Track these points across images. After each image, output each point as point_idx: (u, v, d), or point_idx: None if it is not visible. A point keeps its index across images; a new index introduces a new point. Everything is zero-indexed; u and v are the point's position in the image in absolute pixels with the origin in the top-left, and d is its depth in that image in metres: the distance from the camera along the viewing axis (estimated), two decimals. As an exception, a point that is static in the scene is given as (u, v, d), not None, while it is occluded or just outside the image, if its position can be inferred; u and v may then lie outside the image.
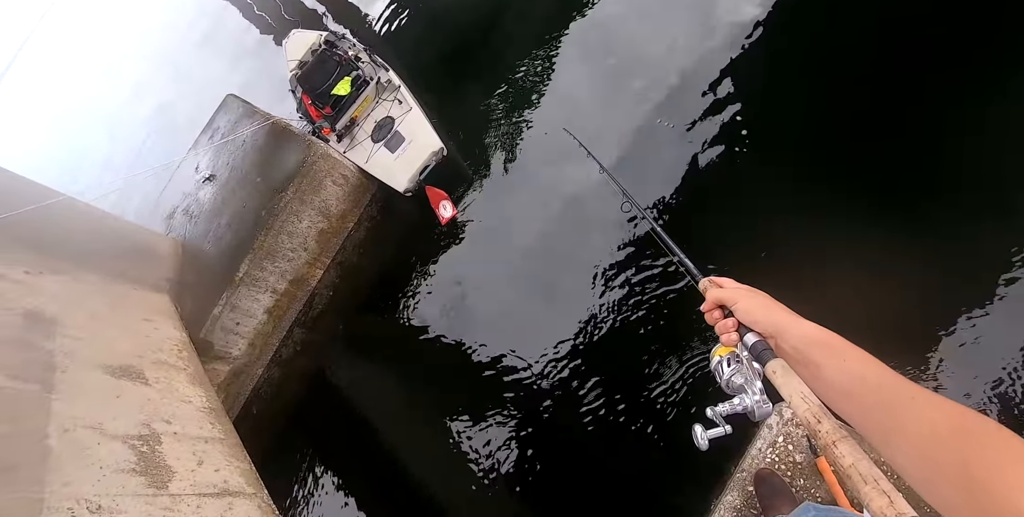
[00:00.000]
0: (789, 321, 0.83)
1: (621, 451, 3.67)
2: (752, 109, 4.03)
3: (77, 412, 3.05)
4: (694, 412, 3.35)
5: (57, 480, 2.54)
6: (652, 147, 4.40)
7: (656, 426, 3.53)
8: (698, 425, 0.84)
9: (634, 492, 3.53)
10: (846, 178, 3.53)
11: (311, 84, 6.16)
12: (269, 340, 5.39)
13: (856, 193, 3.45)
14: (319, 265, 5.59)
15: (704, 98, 4.24)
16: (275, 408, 5.56)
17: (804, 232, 3.43)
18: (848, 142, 3.60)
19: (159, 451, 3.07)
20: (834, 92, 3.76)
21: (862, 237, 3.19)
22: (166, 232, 6.14)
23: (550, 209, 4.75)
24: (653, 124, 4.48)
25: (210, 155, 6.15)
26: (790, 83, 4.00)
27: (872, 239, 3.16)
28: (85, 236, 5.16)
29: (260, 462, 3.47)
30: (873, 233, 3.18)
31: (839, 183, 3.52)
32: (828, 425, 0.73)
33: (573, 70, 5.30)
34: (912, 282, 2.99)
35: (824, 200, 3.49)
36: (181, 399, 3.72)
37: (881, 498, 0.63)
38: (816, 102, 3.83)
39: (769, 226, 3.62)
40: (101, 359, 3.68)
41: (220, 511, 2.84)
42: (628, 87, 4.75)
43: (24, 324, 3.58)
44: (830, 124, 3.71)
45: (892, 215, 3.28)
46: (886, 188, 3.38)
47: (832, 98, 3.76)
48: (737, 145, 3.99)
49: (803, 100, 3.88)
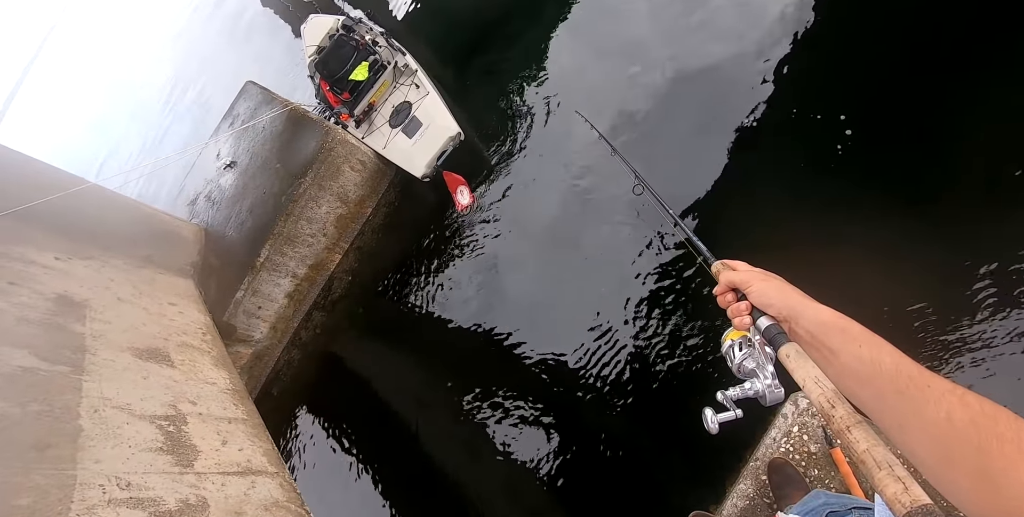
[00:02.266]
0: (805, 305, 0.81)
1: (634, 437, 3.68)
2: (772, 94, 3.92)
3: (107, 393, 3.15)
4: (707, 396, 3.33)
5: (89, 458, 2.63)
6: (668, 132, 4.34)
7: (669, 412, 3.53)
8: (708, 409, 0.83)
9: (647, 479, 3.54)
10: (866, 164, 3.43)
11: (329, 70, 6.15)
12: (290, 323, 5.50)
13: (875, 179, 3.35)
14: (338, 250, 5.65)
15: (722, 85, 4.15)
16: (295, 390, 5.70)
17: (820, 218, 3.36)
18: (868, 128, 3.48)
19: (185, 431, 3.17)
20: (857, 77, 3.63)
21: (880, 224, 3.11)
22: (189, 218, 6.26)
23: (566, 194, 4.72)
24: (670, 109, 4.40)
25: (231, 142, 6.23)
26: (811, 69, 3.88)
27: (890, 227, 3.08)
28: (113, 223, 5.29)
29: (281, 442, 3.56)
30: (891, 221, 3.10)
31: (858, 169, 3.43)
32: (842, 410, 0.72)
33: (591, 54, 5.21)
34: (929, 271, 2.92)
35: (842, 186, 3.41)
36: (205, 381, 3.82)
37: (896, 484, 0.62)
38: (837, 86, 3.70)
39: (784, 211, 3.55)
40: (129, 342, 3.79)
41: (244, 489, 2.92)
42: (646, 71, 4.66)
43: (55, 308, 3.70)
44: (850, 109, 3.59)
45: (911, 203, 3.18)
46: (906, 176, 3.27)
47: (855, 81, 3.64)
48: (754, 131, 3.91)
49: (823, 86, 3.77)
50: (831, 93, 3.69)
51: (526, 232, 4.91)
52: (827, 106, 3.66)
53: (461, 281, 5.12)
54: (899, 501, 0.57)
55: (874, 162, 3.40)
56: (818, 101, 3.71)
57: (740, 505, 2.48)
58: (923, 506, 0.52)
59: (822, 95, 3.73)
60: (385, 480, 4.80)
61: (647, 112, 4.47)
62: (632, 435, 3.70)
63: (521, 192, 5.09)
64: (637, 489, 3.54)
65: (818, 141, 3.62)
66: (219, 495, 2.78)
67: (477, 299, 4.93)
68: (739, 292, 0.90)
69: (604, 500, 3.63)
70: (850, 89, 3.64)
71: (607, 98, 4.80)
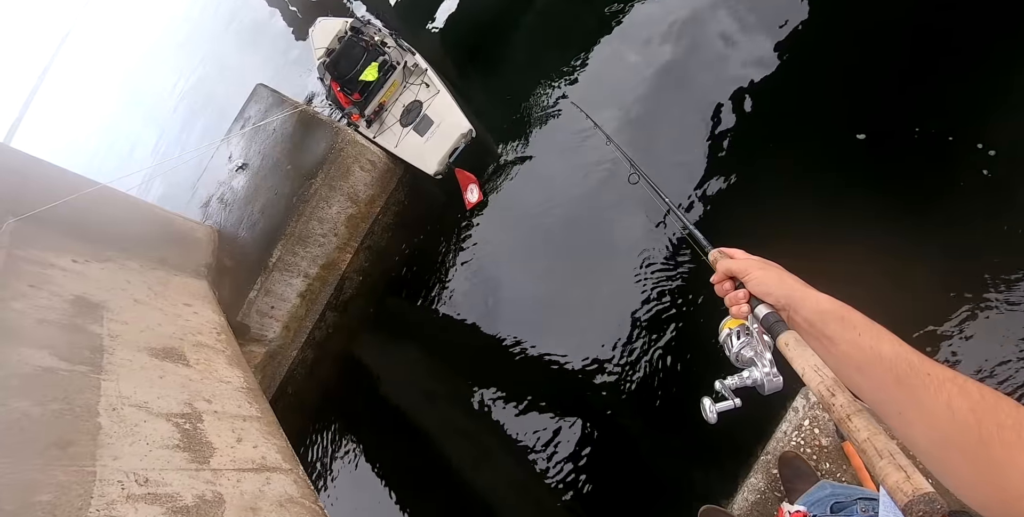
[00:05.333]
0: (804, 293, 0.80)
1: (644, 431, 3.68)
2: (773, 85, 3.89)
3: (124, 392, 3.21)
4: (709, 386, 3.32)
5: (107, 455, 2.69)
6: (666, 124, 4.35)
7: (677, 405, 3.51)
8: (707, 398, 0.82)
9: (658, 474, 3.53)
10: (867, 155, 3.38)
11: (339, 71, 6.20)
12: (302, 323, 5.56)
13: (876, 170, 3.31)
14: (349, 249, 5.70)
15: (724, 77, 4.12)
16: (309, 388, 5.76)
17: (819, 206, 3.33)
18: (869, 121, 3.44)
19: (201, 428, 3.22)
20: (861, 65, 3.59)
21: (880, 214, 3.08)
22: (203, 220, 6.34)
23: (574, 188, 4.73)
24: (671, 101, 4.41)
25: (242, 144, 6.30)
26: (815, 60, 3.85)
27: (890, 216, 3.05)
28: (128, 226, 5.37)
29: (295, 439, 3.61)
30: (892, 212, 3.07)
31: (858, 160, 3.39)
32: (843, 398, 0.71)
33: (599, 50, 5.20)
34: (931, 258, 2.89)
35: (841, 177, 3.38)
36: (220, 380, 3.88)
37: (898, 473, 0.61)
38: (838, 77, 3.66)
39: (783, 199, 3.53)
40: (145, 342, 3.86)
41: (259, 485, 2.97)
42: (653, 66, 4.65)
43: (73, 310, 3.77)
44: (849, 100, 3.55)
45: (913, 195, 3.14)
46: (909, 169, 3.23)
47: (856, 76, 3.59)
48: (754, 121, 3.89)
49: (827, 77, 3.73)
50: (833, 86, 3.66)
51: (533, 228, 4.92)
52: (829, 99, 3.63)
53: (469, 277, 5.14)
54: (901, 490, 0.56)
55: (876, 153, 3.35)
56: (820, 94, 3.69)
57: (751, 499, 2.47)
58: (925, 494, 0.52)
59: (824, 88, 3.70)
60: (397, 477, 4.84)
61: (647, 104, 4.49)
62: (641, 429, 3.70)
63: (528, 187, 5.10)
64: (647, 484, 3.53)
65: (819, 132, 3.60)
66: (235, 491, 2.82)
67: (484, 295, 4.95)
68: (737, 280, 0.89)
69: (615, 496, 3.63)
70: (851, 84, 3.59)
71: (610, 91, 4.82)
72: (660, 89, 4.50)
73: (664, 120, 4.39)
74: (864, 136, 3.39)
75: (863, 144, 3.38)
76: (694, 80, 4.31)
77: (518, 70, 5.71)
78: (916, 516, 0.51)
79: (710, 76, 4.21)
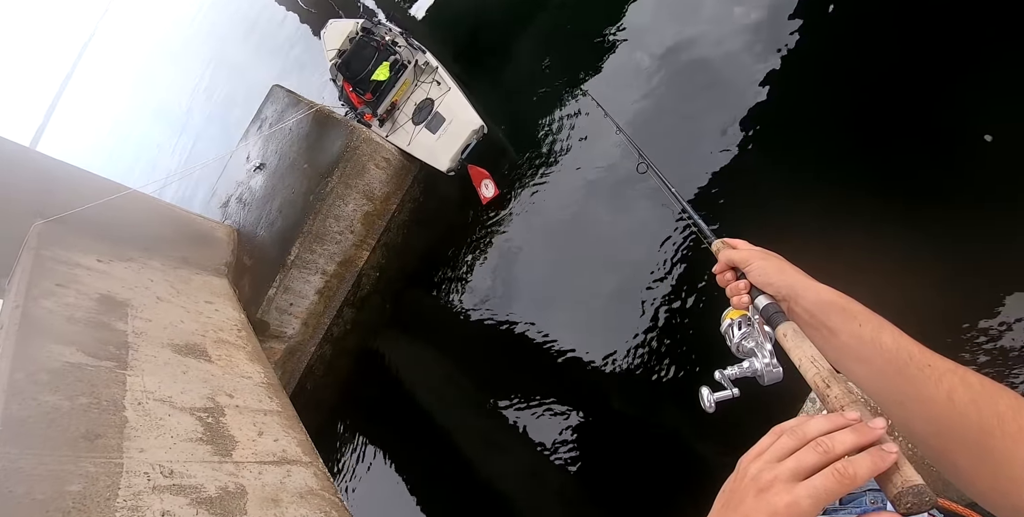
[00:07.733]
0: (804, 284, 0.80)
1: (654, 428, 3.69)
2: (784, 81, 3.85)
3: (149, 386, 3.31)
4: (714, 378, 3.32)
5: (134, 447, 2.78)
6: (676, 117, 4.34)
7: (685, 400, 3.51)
8: (705, 388, 0.83)
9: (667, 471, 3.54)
10: (873, 149, 3.34)
11: (351, 71, 6.26)
12: (321, 319, 5.64)
13: (882, 165, 3.26)
14: (365, 247, 5.76)
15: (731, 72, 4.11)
16: (328, 384, 5.85)
17: (824, 199, 3.31)
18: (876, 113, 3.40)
19: (223, 422, 3.30)
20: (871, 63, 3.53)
21: (885, 208, 3.05)
22: (222, 219, 6.46)
23: (585, 180, 4.75)
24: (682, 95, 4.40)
25: (259, 145, 6.40)
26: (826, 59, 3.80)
27: (895, 211, 3.02)
28: (150, 226, 5.50)
29: (314, 433, 3.68)
30: (896, 206, 3.04)
31: (865, 155, 3.35)
32: (837, 390, 0.72)
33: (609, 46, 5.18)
34: (936, 252, 2.86)
35: (847, 171, 3.35)
36: (241, 375, 3.97)
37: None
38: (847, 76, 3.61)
39: (788, 192, 3.52)
40: (168, 338, 3.96)
41: (280, 477, 3.04)
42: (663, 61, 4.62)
43: (99, 308, 3.89)
44: (857, 97, 3.51)
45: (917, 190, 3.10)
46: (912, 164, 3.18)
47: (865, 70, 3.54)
48: (761, 115, 3.86)
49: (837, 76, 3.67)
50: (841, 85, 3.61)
51: (548, 222, 4.94)
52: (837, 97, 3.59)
53: (483, 271, 5.18)
54: (890, 481, 0.57)
55: (882, 147, 3.32)
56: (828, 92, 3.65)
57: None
58: (914, 487, 0.52)
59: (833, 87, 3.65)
60: (413, 470, 4.90)
61: (657, 97, 4.49)
62: (651, 426, 3.71)
63: (544, 183, 5.11)
64: (657, 481, 3.54)
65: (826, 128, 3.56)
66: (256, 483, 2.90)
67: (496, 288, 5.00)
68: (738, 271, 0.89)
69: (626, 493, 3.64)
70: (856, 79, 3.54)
71: (620, 84, 4.82)
72: (670, 83, 4.49)
73: (674, 113, 4.38)
74: (871, 133, 3.36)
75: (870, 140, 3.35)
76: (703, 75, 4.29)
77: (527, 65, 5.71)
78: (905, 508, 0.51)
79: (718, 71, 4.19)
